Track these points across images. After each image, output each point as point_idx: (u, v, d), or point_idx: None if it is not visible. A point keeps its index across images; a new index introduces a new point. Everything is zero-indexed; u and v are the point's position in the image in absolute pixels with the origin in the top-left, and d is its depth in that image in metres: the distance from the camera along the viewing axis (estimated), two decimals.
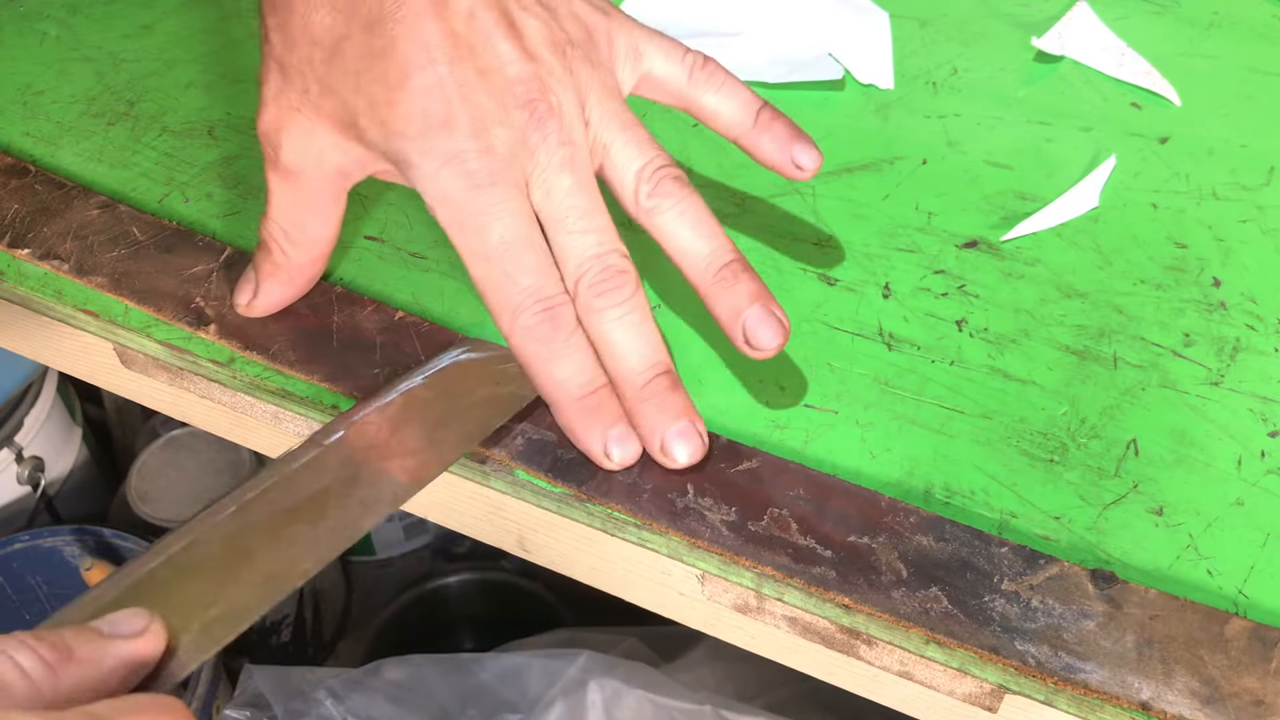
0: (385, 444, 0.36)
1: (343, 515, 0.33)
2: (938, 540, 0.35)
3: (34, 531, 0.88)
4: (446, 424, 0.37)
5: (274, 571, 0.32)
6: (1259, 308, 0.43)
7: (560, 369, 0.36)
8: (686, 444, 0.36)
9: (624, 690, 0.70)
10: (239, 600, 0.31)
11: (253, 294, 0.40)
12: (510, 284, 0.35)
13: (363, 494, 0.34)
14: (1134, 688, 0.32)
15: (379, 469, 0.35)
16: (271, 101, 0.37)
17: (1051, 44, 0.54)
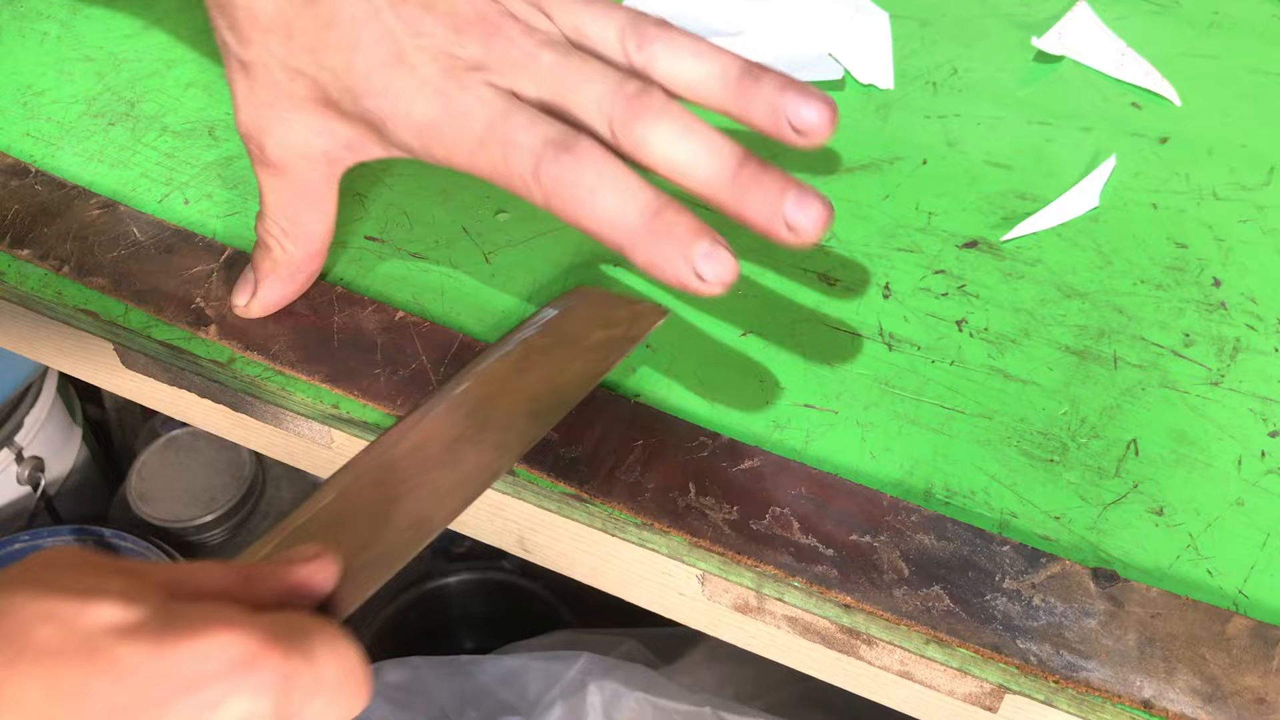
0: (510, 390, 0.37)
1: (480, 457, 0.35)
2: (939, 539, 0.35)
3: (34, 531, 0.88)
4: (566, 368, 0.38)
5: (421, 515, 0.33)
6: (1259, 308, 0.43)
7: (606, 201, 0.32)
8: (809, 210, 0.33)
9: (623, 692, 0.70)
10: (391, 544, 0.32)
11: (251, 293, 0.40)
12: (514, 149, 0.33)
13: (495, 438, 0.35)
14: (1136, 686, 0.32)
15: (507, 413, 0.36)
16: (244, 102, 0.37)
17: (1051, 44, 0.54)
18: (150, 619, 0.25)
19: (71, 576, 0.26)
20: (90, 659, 0.24)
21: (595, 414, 0.38)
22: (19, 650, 0.24)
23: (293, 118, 0.37)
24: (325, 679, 0.26)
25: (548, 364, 0.38)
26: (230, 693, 0.24)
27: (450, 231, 0.45)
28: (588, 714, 0.70)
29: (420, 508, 0.33)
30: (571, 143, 0.32)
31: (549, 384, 0.37)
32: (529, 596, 0.98)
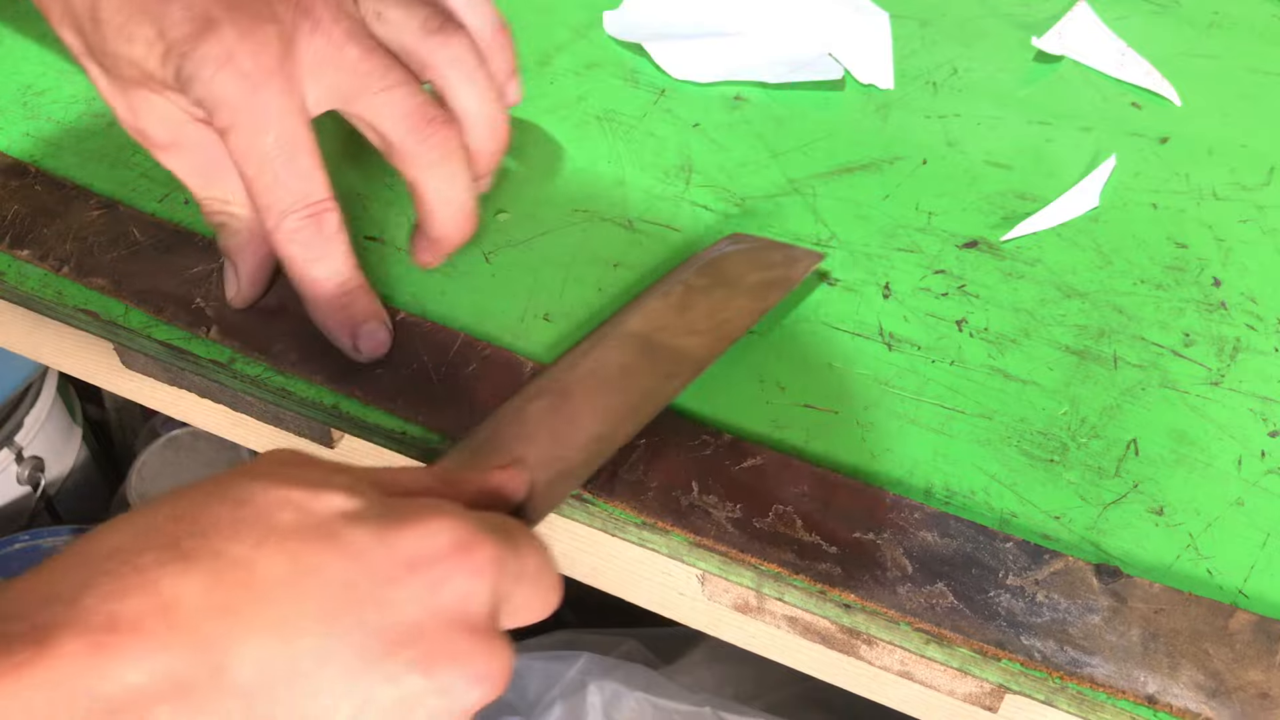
0: (674, 325, 0.39)
1: (650, 384, 0.37)
2: (942, 536, 0.35)
3: (34, 531, 0.87)
4: (726, 305, 0.40)
5: (600, 434, 0.35)
6: (1259, 308, 0.43)
7: (319, 269, 0.37)
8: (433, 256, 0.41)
9: (623, 692, 0.70)
10: (575, 459, 0.35)
11: (234, 278, 0.41)
12: (280, 187, 0.36)
13: (665, 367, 0.37)
14: (1140, 681, 0.32)
15: (674, 346, 0.38)
16: (109, 98, 0.38)
17: (1051, 44, 0.54)
18: (373, 508, 0.27)
19: (301, 471, 0.28)
20: (326, 541, 0.26)
21: None
22: (265, 531, 0.26)
23: (148, 96, 0.37)
24: (529, 570, 0.29)
25: (708, 302, 0.40)
26: (452, 571, 0.27)
27: None
28: (588, 714, 0.70)
29: (598, 427, 0.35)
30: (322, 212, 0.37)
31: (711, 320, 0.39)
32: None
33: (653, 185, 0.47)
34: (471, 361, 0.40)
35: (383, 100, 0.37)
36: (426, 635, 0.26)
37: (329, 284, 0.38)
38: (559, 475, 0.34)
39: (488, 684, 0.27)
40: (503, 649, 0.28)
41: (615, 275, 0.43)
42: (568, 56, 0.53)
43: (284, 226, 0.36)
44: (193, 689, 0.24)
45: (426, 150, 0.38)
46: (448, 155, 0.38)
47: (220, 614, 0.24)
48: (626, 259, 0.44)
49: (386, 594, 0.26)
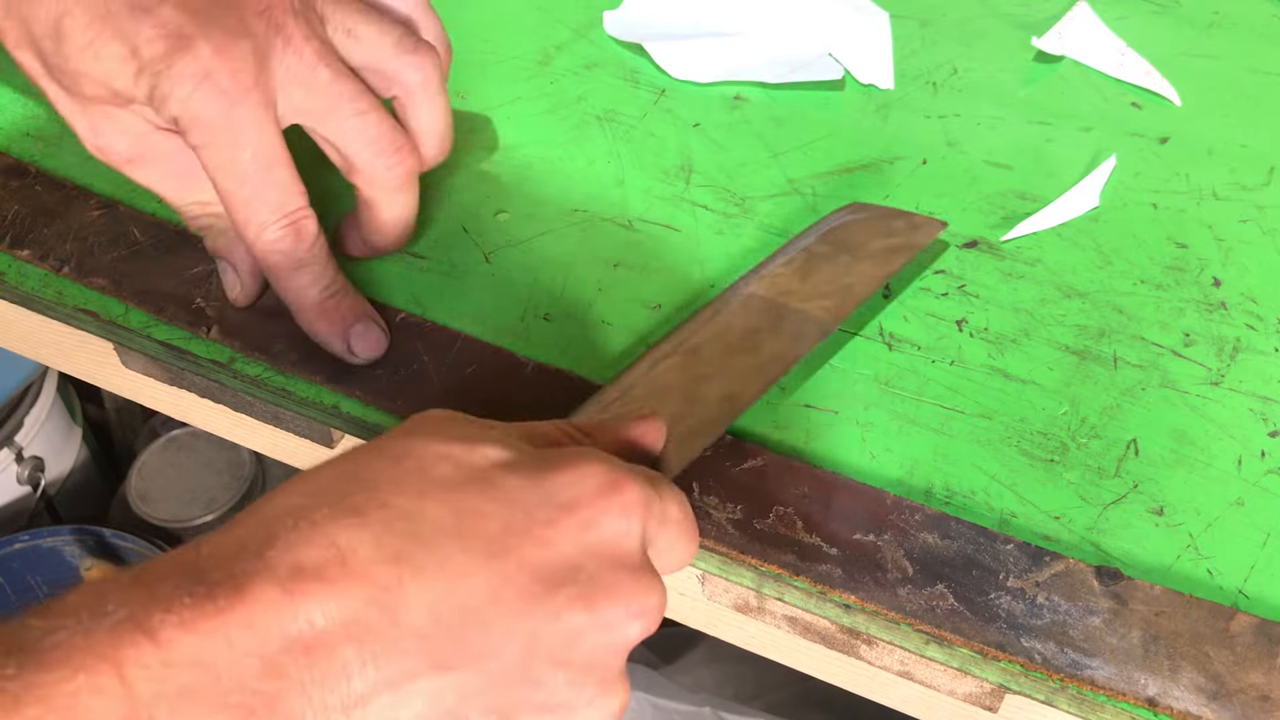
0: (799, 290, 0.40)
1: (777, 345, 0.38)
2: (943, 538, 0.35)
3: (34, 531, 0.88)
4: (850, 270, 0.41)
5: (730, 392, 0.36)
6: (1259, 308, 0.43)
7: (302, 277, 0.38)
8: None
9: None
10: (706, 415, 0.36)
11: (234, 275, 0.41)
12: (259, 200, 0.36)
13: (791, 329, 0.38)
14: (1140, 684, 0.32)
15: (799, 309, 0.39)
16: (70, 118, 0.38)
17: (1051, 44, 0.54)
18: (525, 457, 0.29)
19: (456, 428, 0.30)
20: (485, 488, 0.28)
21: None
22: (426, 483, 0.28)
23: (112, 113, 0.37)
24: (672, 514, 0.31)
25: (831, 269, 0.41)
26: (604, 511, 0.28)
27: (450, 231, 0.45)
28: None
29: (728, 387, 0.37)
30: (300, 220, 0.37)
31: (835, 284, 0.40)
32: None
33: (653, 185, 0.47)
34: (471, 362, 0.40)
35: (354, 124, 0.38)
36: (585, 572, 0.28)
37: (313, 290, 0.38)
38: (691, 431, 0.35)
39: (646, 618, 0.28)
40: (657, 584, 0.29)
41: (615, 275, 0.43)
42: (568, 56, 0.53)
43: (264, 238, 0.37)
44: (372, 629, 0.25)
45: (392, 177, 0.39)
46: (409, 181, 0.40)
47: (391, 561, 0.26)
48: (626, 259, 0.44)
49: (544, 534, 0.28)
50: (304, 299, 0.39)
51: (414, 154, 0.39)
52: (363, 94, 0.38)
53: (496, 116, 0.50)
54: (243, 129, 0.35)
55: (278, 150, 0.36)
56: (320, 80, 0.37)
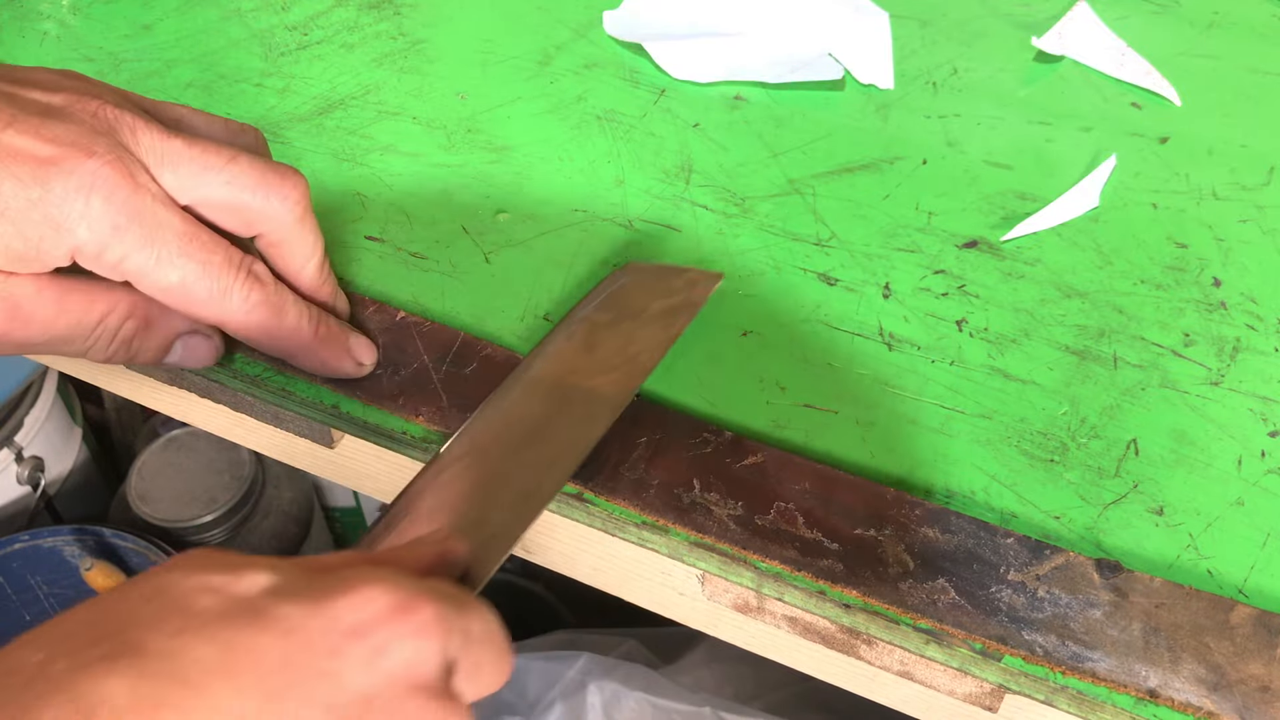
0: (584, 366, 0.37)
1: (569, 431, 0.35)
2: (944, 532, 0.35)
3: (34, 531, 0.88)
4: (633, 338, 0.38)
5: (525, 490, 0.33)
6: (1259, 308, 0.43)
7: (289, 317, 0.37)
8: None
9: (623, 692, 0.70)
10: (505, 519, 0.32)
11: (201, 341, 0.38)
12: (210, 269, 0.34)
13: (580, 411, 0.35)
14: (1141, 675, 0.32)
15: (587, 388, 0.36)
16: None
17: (1051, 44, 0.54)
18: (300, 582, 0.26)
19: (215, 559, 0.27)
20: (254, 620, 0.25)
21: None
22: (186, 618, 0.24)
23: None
24: (476, 631, 0.27)
25: (615, 337, 0.38)
26: (396, 635, 0.25)
27: (450, 231, 0.45)
28: (588, 714, 0.70)
29: (522, 484, 0.33)
30: (253, 265, 0.36)
31: (621, 355, 0.37)
32: (529, 596, 0.98)
33: (653, 185, 0.47)
34: (471, 361, 0.40)
35: (232, 173, 0.35)
36: (378, 705, 0.25)
37: (306, 324, 0.37)
38: (491, 538, 0.32)
39: None
40: (460, 712, 0.26)
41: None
42: (568, 56, 0.53)
43: (234, 300, 0.35)
44: None
45: (291, 205, 0.36)
46: (308, 207, 0.37)
47: (151, 711, 0.23)
48: (626, 259, 0.44)
49: (329, 666, 0.25)
50: (301, 338, 0.37)
51: (300, 178, 0.36)
52: (222, 147, 0.35)
53: (496, 116, 0.50)
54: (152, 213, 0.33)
55: (189, 219, 0.34)
56: (176, 150, 0.34)
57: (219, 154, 0.35)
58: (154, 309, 0.36)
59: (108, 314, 0.35)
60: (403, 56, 0.53)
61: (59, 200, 0.32)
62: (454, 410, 0.38)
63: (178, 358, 0.38)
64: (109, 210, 0.32)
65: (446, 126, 0.50)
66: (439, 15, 0.56)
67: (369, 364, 0.39)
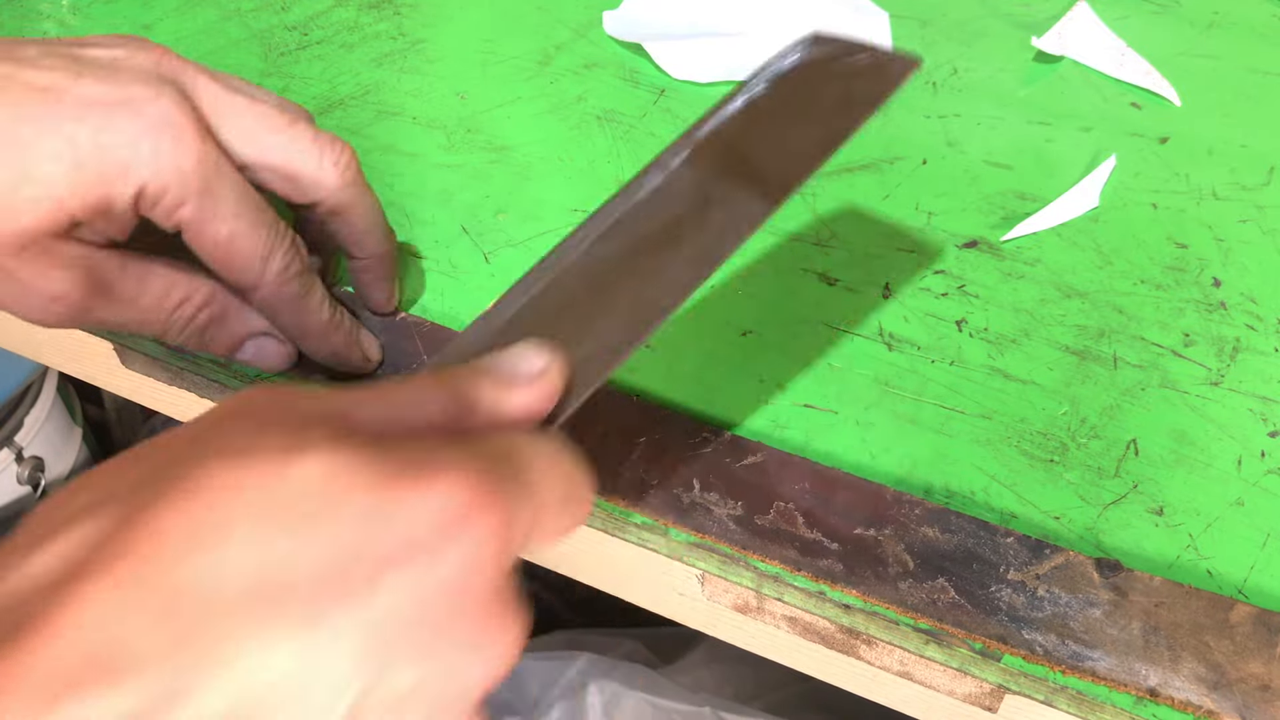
0: (734, 163, 0.32)
1: (700, 241, 0.31)
2: (943, 531, 0.35)
3: None
4: (797, 132, 0.33)
5: (638, 302, 0.30)
6: (1259, 308, 0.43)
7: (314, 297, 0.37)
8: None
9: (623, 692, 0.70)
10: (607, 336, 0.29)
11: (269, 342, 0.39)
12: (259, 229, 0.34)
13: (718, 218, 0.31)
14: (1141, 674, 0.32)
15: (731, 190, 0.32)
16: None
17: (1051, 44, 0.54)
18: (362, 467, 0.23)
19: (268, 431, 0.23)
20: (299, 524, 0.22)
21: (598, 412, 0.38)
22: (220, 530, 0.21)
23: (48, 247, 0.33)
24: (548, 504, 0.26)
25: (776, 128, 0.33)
26: (455, 543, 0.23)
27: (450, 231, 0.45)
28: (588, 714, 0.70)
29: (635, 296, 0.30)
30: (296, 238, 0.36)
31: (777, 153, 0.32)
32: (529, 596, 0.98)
33: None
34: None
35: (292, 135, 0.35)
36: (424, 624, 0.23)
37: (324, 307, 0.37)
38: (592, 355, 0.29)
39: (496, 663, 0.24)
40: (511, 624, 0.25)
41: None
42: (568, 56, 0.53)
43: (275, 267, 0.35)
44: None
45: (349, 170, 0.37)
46: (361, 174, 0.37)
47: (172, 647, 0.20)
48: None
49: (375, 581, 0.22)
50: (319, 319, 0.37)
51: (350, 147, 0.37)
52: (280, 111, 0.36)
53: (496, 116, 0.50)
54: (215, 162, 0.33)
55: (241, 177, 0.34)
56: (239, 106, 0.35)
57: (280, 116, 0.35)
58: (231, 304, 0.37)
59: (185, 300, 0.36)
60: (403, 56, 0.53)
61: (130, 141, 0.32)
62: None
63: (249, 356, 0.38)
64: (176, 153, 0.32)
65: (446, 126, 0.50)
66: (439, 15, 0.56)
67: (375, 360, 0.39)
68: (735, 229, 0.31)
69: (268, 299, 0.36)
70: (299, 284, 0.36)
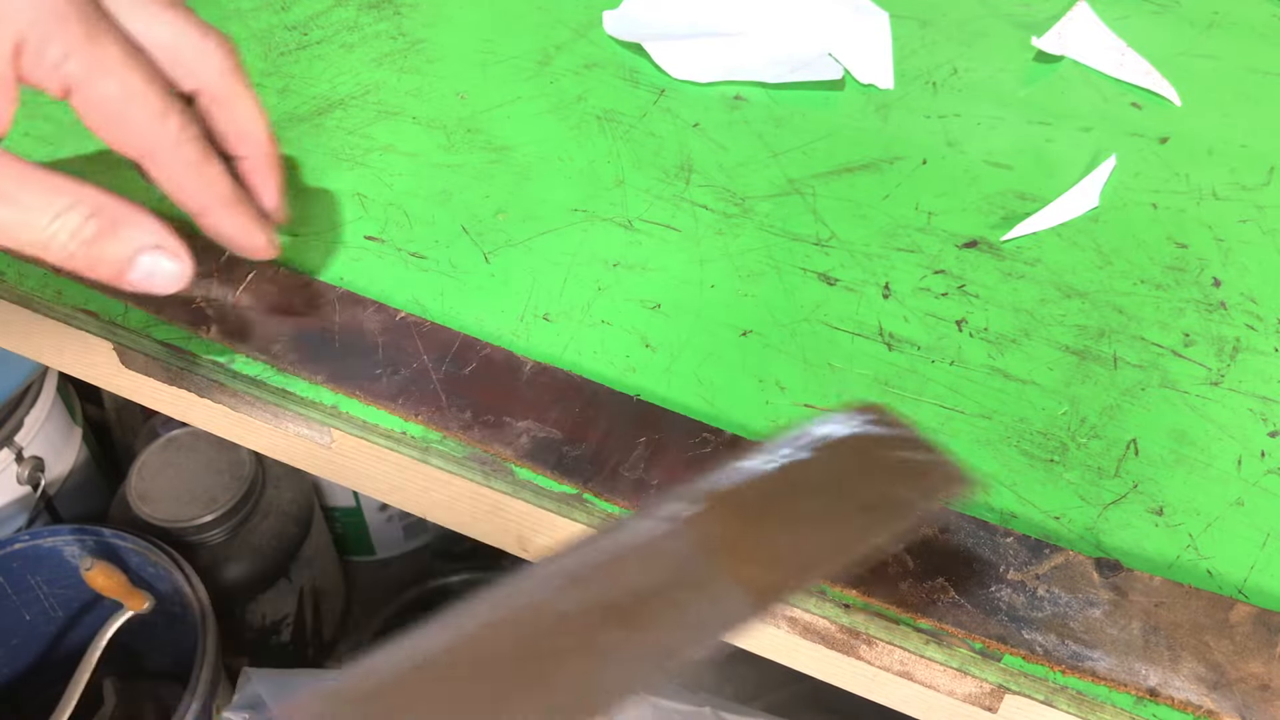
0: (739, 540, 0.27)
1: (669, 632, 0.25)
2: (943, 531, 0.35)
3: (34, 531, 0.88)
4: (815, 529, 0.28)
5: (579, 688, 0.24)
6: (1259, 308, 0.43)
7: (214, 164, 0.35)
8: None
9: None
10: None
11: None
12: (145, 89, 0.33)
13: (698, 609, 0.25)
14: (1141, 674, 0.32)
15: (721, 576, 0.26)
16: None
17: (1051, 44, 0.54)
18: None
19: None
20: None
21: (598, 412, 0.38)
22: None
23: None
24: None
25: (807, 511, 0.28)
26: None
27: (450, 231, 0.45)
28: None
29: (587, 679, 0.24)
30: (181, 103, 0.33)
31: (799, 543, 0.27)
32: None
33: (653, 185, 0.47)
34: (471, 361, 0.40)
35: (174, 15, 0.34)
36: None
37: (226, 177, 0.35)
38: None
39: None
40: None
41: (615, 275, 0.43)
42: (568, 56, 0.53)
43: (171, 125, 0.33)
44: None
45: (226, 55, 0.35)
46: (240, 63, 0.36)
47: None
48: (626, 259, 0.44)
49: None
50: (224, 187, 0.35)
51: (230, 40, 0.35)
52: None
53: (496, 116, 0.50)
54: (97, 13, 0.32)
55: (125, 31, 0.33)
56: None
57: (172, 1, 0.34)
58: (121, 213, 0.34)
59: (70, 207, 0.33)
60: (403, 56, 0.53)
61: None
62: (453, 410, 0.38)
63: (141, 275, 0.34)
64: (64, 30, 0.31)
65: (446, 126, 0.50)
66: (439, 15, 0.56)
67: (278, 245, 0.37)
68: (710, 630, 0.25)
69: (169, 163, 0.34)
70: (198, 148, 0.34)
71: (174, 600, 0.84)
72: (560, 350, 0.40)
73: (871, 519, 0.28)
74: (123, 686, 0.89)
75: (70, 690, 0.78)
